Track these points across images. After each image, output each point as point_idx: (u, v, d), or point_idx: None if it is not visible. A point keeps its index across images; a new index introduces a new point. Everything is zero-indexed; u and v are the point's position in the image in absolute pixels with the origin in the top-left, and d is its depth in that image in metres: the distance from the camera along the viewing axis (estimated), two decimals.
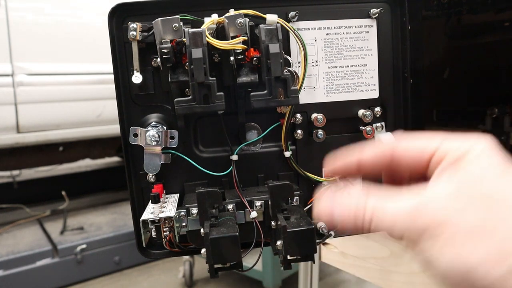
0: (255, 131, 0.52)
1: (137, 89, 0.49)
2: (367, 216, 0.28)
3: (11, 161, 2.59)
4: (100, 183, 3.33)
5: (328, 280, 2.24)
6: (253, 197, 0.47)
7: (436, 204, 0.25)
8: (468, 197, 0.25)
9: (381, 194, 0.28)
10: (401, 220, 0.26)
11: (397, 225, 0.26)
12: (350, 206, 0.29)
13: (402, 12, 0.52)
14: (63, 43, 2.35)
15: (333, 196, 0.30)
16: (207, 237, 0.41)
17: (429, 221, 0.25)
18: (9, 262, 2.11)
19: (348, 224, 0.29)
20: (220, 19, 0.45)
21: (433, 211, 0.25)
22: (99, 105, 2.49)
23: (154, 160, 0.47)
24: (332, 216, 0.30)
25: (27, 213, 2.73)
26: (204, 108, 0.43)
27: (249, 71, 0.46)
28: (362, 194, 0.29)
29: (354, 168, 0.33)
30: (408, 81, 0.53)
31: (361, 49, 0.52)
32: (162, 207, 0.46)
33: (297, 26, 0.50)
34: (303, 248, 0.42)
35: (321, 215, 0.30)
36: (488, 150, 0.26)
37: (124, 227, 2.52)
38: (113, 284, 2.32)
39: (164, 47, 0.44)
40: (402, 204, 0.27)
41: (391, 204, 0.27)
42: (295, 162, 0.52)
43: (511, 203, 0.24)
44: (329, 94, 0.52)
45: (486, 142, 0.27)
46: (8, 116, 2.21)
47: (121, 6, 0.47)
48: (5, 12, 2.16)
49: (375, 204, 0.28)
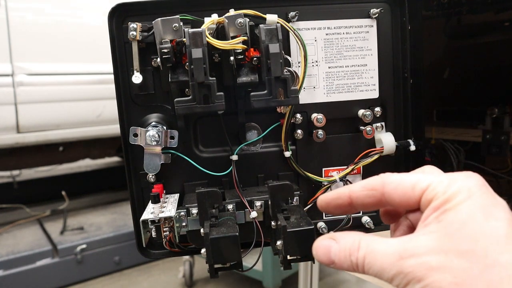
0: (255, 131, 0.52)
1: (137, 89, 0.49)
2: (361, 256, 0.29)
3: (11, 161, 2.59)
4: (100, 183, 3.33)
5: (328, 280, 2.24)
6: (253, 197, 0.47)
7: (421, 258, 0.26)
8: (449, 251, 0.26)
9: (373, 236, 0.30)
10: (390, 263, 0.27)
11: (387, 268, 0.27)
12: (345, 245, 0.30)
13: (402, 12, 0.52)
14: (63, 43, 2.35)
15: (331, 235, 0.32)
16: (207, 237, 0.41)
17: (414, 271, 0.26)
18: (9, 262, 2.11)
19: (344, 263, 0.30)
20: (220, 19, 0.45)
21: (417, 263, 0.26)
22: (99, 105, 2.49)
23: (154, 160, 0.47)
24: (329, 254, 0.31)
25: (27, 213, 2.73)
26: (204, 108, 0.42)
27: (249, 71, 0.46)
28: (357, 234, 0.30)
29: (346, 203, 0.34)
30: (408, 81, 0.53)
31: (361, 49, 0.52)
32: (162, 207, 0.46)
33: (297, 26, 0.50)
34: (303, 248, 0.42)
35: (319, 253, 0.32)
36: (475, 191, 0.27)
37: (124, 227, 2.52)
38: (113, 284, 2.32)
39: (164, 47, 0.44)
40: (391, 248, 0.28)
41: (382, 246, 0.28)
42: (295, 162, 0.52)
43: (491, 253, 0.24)
44: (329, 94, 0.52)
45: (473, 182, 0.27)
46: (8, 116, 2.21)
47: (121, 6, 0.47)
48: (5, 12, 2.16)
49: (368, 244, 0.29)
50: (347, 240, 0.30)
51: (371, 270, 0.28)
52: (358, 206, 0.33)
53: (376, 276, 0.28)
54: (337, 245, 0.31)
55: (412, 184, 0.29)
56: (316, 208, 0.54)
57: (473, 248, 0.25)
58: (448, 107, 0.92)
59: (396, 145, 0.52)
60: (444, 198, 0.27)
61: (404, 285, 0.26)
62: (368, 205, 0.33)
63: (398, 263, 0.27)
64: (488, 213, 0.26)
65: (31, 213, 2.73)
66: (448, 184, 0.28)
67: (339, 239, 0.31)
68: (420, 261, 0.26)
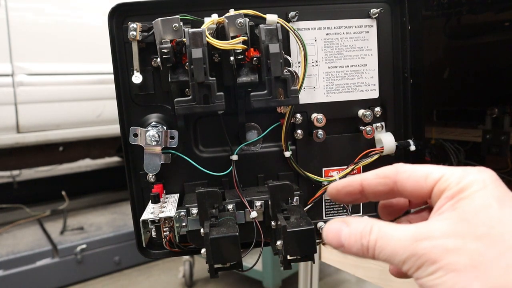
0: (255, 131, 0.52)
1: (137, 89, 0.49)
2: (372, 239, 0.29)
3: (11, 161, 2.59)
4: (100, 183, 3.33)
5: (328, 280, 2.24)
6: (253, 197, 0.47)
7: (436, 241, 0.26)
8: (465, 235, 0.25)
9: (386, 222, 0.29)
10: (403, 246, 0.27)
11: (399, 251, 0.27)
12: (357, 229, 0.30)
13: (402, 12, 0.52)
14: (63, 43, 2.35)
15: (342, 219, 0.31)
16: (207, 237, 0.41)
17: (428, 253, 0.26)
18: (9, 262, 2.11)
19: (354, 246, 0.30)
20: (220, 19, 0.45)
21: (432, 245, 0.26)
22: (99, 105, 2.49)
23: (154, 160, 0.47)
24: (339, 237, 0.30)
25: (27, 213, 2.73)
26: (204, 108, 0.42)
27: (249, 71, 0.46)
28: (369, 219, 0.30)
29: (357, 190, 0.34)
30: (408, 81, 0.53)
31: (361, 49, 0.52)
32: (162, 207, 0.46)
33: (297, 26, 0.50)
34: (303, 248, 0.42)
35: (329, 235, 0.31)
36: (489, 184, 0.27)
37: (124, 227, 2.52)
38: (113, 284, 2.32)
39: (164, 47, 0.44)
40: (404, 233, 0.27)
41: (395, 231, 0.28)
42: (295, 162, 0.52)
43: (508, 238, 0.24)
44: (329, 94, 0.52)
45: (487, 175, 0.27)
46: (8, 116, 2.21)
47: (121, 6, 0.47)
48: (5, 12, 2.16)
49: (380, 228, 0.29)
50: (358, 224, 0.30)
51: (381, 254, 0.28)
52: (369, 195, 0.33)
53: (386, 261, 0.28)
54: (347, 228, 0.30)
55: (425, 174, 0.30)
56: (316, 208, 0.54)
57: (489, 233, 0.25)
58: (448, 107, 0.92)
59: (396, 145, 0.52)
60: (458, 188, 0.27)
61: (416, 267, 0.26)
62: (379, 193, 0.33)
63: (411, 245, 0.26)
64: (503, 203, 0.26)
65: (31, 213, 2.73)
66: (461, 175, 0.28)
67: (350, 223, 0.31)
68: (436, 243, 0.26)
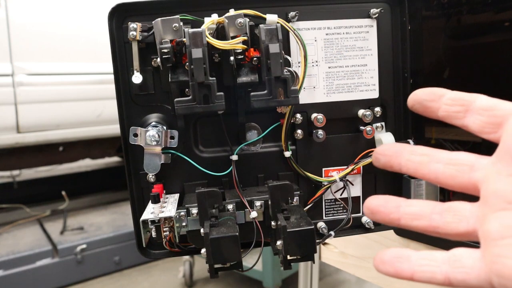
0: (255, 131, 0.52)
1: (137, 89, 0.49)
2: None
3: (11, 161, 2.59)
4: (100, 183, 3.33)
5: (328, 280, 2.24)
6: (253, 197, 0.47)
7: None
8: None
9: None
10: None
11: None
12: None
13: (402, 12, 0.52)
14: (63, 43, 2.35)
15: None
16: (207, 237, 0.41)
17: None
18: (9, 262, 2.11)
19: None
20: (220, 19, 0.45)
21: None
22: (99, 105, 2.49)
23: (154, 160, 0.47)
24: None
25: (27, 213, 2.73)
26: (204, 108, 0.42)
27: (249, 71, 0.46)
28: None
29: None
30: (408, 81, 0.53)
31: (361, 49, 0.52)
32: (162, 207, 0.46)
33: (297, 26, 0.50)
34: (303, 248, 0.42)
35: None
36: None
37: (124, 227, 2.52)
38: (113, 284, 2.32)
39: (164, 47, 0.44)
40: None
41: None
42: (295, 162, 0.52)
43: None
44: (329, 94, 0.52)
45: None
46: (8, 116, 2.21)
47: (121, 6, 0.47)
48: (5, 12, 2.16)
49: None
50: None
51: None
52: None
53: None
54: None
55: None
56: (316, 208, 0.54)
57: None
58: None
59: None
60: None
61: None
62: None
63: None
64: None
65: (31, 213, 2.73)
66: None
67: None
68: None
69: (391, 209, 0.31)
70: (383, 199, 0.32)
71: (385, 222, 0.32)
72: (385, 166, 0.34)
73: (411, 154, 0.32)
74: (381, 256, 0.29)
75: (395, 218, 0.31)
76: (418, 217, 0.30)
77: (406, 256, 0.29)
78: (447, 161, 0.30)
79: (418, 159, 0.31)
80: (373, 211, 0.32)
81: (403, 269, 0.28)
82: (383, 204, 0.32)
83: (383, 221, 0.32)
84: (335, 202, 0.54)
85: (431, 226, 0.29)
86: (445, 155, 0.30)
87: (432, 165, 0.31)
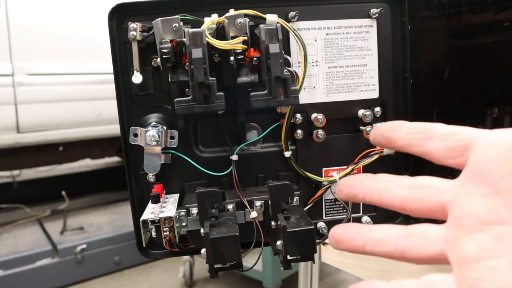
0: (255, 131, 0.52)
1: (137, 89, 0.49)
2: None
3: (11, 161, 2.59)
4: (100, 183, 3.33)
5: (328, 280, 2.24)
6: (253, 197, 0.47)
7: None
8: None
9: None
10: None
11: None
12: None
13: (402, 12, 0.52)
14: (63, 43, 2.35)
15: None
16: (207, 237, 0.41)
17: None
18: (9, 262, 2.11)
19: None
20: (220, 19, 0.45)
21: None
22: (99, 105, 2.49)
23: (154, 160, 0.47)
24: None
25: (27, 213, 2.73)
26: (204, 108, 0.42)
27: (249, 71, 0.46)
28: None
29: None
30: (408, 81, 0.53)
31: (361, 49, 0.52)
32: (162, 207, 0.46)
33: (297, 26, 0.50)
34: (303, 248, 0.42)
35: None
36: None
37: (124, 227, 2.52)
38: (113, 284, 2.32)
39: (164, 47, 0.44)
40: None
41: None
42: (295, 162, 0.52)
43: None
44: (329, 94, 0.52)
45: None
46: (8, 116, 2.21)
47: (121, 6, 0.47)
48: (5, 12, 2.16)
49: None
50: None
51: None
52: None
53: None
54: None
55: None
56: (316, 208, 0.54)
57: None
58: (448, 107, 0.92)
59: None
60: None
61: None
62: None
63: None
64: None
65: (31, 213, 2.73)
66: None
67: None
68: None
69: (354, 236, 0.31)
70: (346, 227, 0.31)
71: (350, 250, 0.31)
72: (349, 197, 0.33)
73: (373, 182, 0.31)
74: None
75: (359, 245, 0.30)
76: (383, 242, 0.29)
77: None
78: (412, 185, 0.29)
79: (382, 185, 0.31)
80: (337, 240, 0.32)
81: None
82: (346, 231, 0.31)
83: (349, 250, 0.31)
84: (335, 202, 0.55)
85: (396, 250, 0.29)
86: (409, 180, 0.30)
87: (396, 191, 0.30)
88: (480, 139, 0.27)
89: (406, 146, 0.31)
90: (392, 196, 0.30)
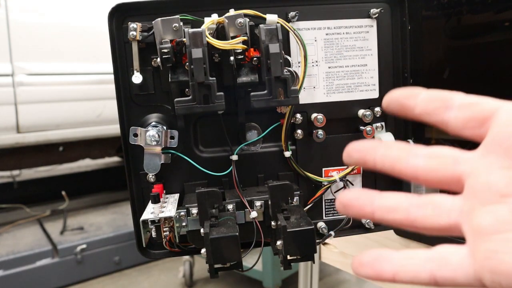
0: (255, 131, 0.52)
1: (137, 89, 0.49)
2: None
3: (11, 161, 2.59)
4: (100, 183, 3.33)
5: (328, 280, 2.24)
6: (253, 197, 0.47)
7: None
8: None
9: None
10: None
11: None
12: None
13: (402, 12, 0.52)
14: (63, 43, 2.35)
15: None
16: (207, 237, 0.41)
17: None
18: (9, 262, 2.11)
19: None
20: (220, 19, 0.45)
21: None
22: (99, 105, 2.49)
23: (154, 160, 0.47)
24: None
25: (27, 213, 2.73)
26: (204, 108, 0.42)
27: (249, 71, 0.46)
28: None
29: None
30: (408, 81, 0.53)
31: (361, 49, 0.52)
32: (162, 207, 0.46)
33: (297, 26, 0.50)
34: (303, 248, 0.42)
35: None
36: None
37: (124, 227, 2.52)
38: (113, 284, 2.32)
39: (164, 47, 0.44)
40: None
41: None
42: (295, 162, 0.52)
43: None
44: (329, 94, 0.52)
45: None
46: (8, 116, 2.21)
47: (121, 6, 0.47)
48: (5, 12, 2.16)
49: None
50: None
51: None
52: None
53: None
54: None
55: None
56: (316, 208, 0.54)
57: None
58: None
59: None
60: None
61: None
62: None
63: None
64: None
65: (31, 213, 2.73)
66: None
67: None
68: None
69: (364, 202, 0.29)
70: (357, 192, 0.30)
71: (359, 216, 0.30)
72: (358, 162, 0.31)
73: (387, 149, 0.30)
74: (359, 258, 0.28)
75: (368, 211, 0.29)
76: (394, 210, 0.28)
77: (386, 257, 0.27)
78: (428, 154, 0.28)
79: (395, 153, 0.29)
80: (345, 205, 0.30)
81: (383, 270, 0.27)
82: (356, 196, 0.30)
83: (357, 216, 0.30)
84: (335, 202, 0.54)
85: (408, 219, 0.28)
86: (425, 150, 0.29)
87: (411, 160, 0.28)
88: (503, 110, 0.26)
89: (421, 115, 0.29)
90: (405, 165, 0.29)
